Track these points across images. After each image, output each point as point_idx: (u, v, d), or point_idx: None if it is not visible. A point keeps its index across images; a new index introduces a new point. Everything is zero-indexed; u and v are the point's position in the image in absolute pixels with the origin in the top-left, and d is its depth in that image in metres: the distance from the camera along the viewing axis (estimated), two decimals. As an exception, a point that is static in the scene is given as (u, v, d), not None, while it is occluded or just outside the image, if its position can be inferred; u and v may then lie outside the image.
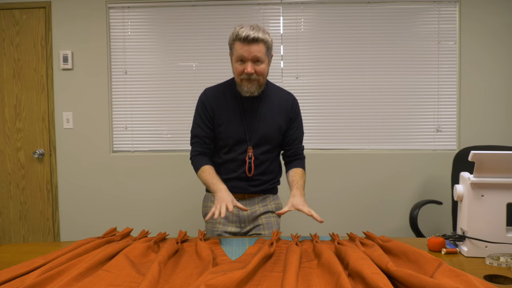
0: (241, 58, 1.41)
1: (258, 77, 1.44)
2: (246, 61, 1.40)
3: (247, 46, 1.38)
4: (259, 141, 1.54)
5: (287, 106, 1.58)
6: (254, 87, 1.46)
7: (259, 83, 1.47)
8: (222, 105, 1.54)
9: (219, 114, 1.54)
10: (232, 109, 1.53)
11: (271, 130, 1.55)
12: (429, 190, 2.68)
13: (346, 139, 2.75)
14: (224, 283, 0.86)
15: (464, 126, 2.69)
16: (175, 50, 2.75)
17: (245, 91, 1.47)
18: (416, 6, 2.68)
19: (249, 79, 1.44)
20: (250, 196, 1.59)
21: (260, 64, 1.42)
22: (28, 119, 2.78)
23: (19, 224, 2.83)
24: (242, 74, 1.43)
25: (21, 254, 1.24)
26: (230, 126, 1.53)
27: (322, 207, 2.74)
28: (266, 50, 1.42)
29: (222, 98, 1.55)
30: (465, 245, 1.19)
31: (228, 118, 1.53)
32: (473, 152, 1.13)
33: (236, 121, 1.53)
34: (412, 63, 2.70)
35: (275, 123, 1.55)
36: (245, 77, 1.43)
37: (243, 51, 1.39)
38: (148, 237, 1.33)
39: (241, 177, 1.56)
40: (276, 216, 1.63)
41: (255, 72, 1.42)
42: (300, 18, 2.72)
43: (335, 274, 0.95)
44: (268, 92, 1.57)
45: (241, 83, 1.46)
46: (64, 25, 2.73)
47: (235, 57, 1.43)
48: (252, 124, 1.53)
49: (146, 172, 2.76)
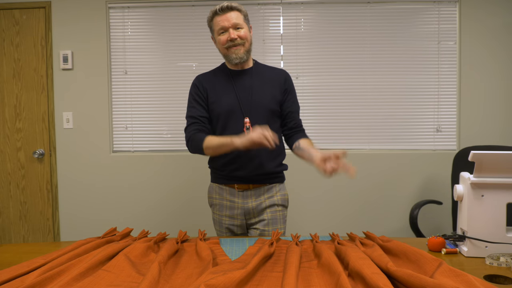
0: (222, 28, 1.50)
1: (243, 41, 1.51)
2: (227, 29, 1.49)
3: (224, 15, 1.49)
4: (255, 111, 1.53)
5: (280, 79, 1.61)
6: (241, 52, 1.52)
7: (244, 47, 1.52)
8: (214, 83, 1.59)
9: (211, 91, 1.58)
10: (223, 85, 1.58)
11: (265, 99, 1.56)
12: (429, 190, 2.68)
13: (346, 139, 2.75)
14: (224, 283, 0.86)
15: (464, 126, 2.69)
16: (175, 50, 2.75)
17: (234, 58, 1.52)
18: (416, 6, 2.68)
19: (234, 45, 1.50)
20: (255, 187, 1.58)
21: (241, 30, 1.50)
22: (28, 119, 2.78)
23: (19, 224, 2.83)
24: (226, 43, 1.50)
25: (21, 254, 1.24)
26: (223, 99, 1.55)
27: (322, 207, 2.74)
28: (243, 18, 1.52)
29: (213, 78, 1.61)
30: (465, 245, 1.19)
31: (221, 93, 1.57)
32: (473, 152, 1.13)
33: (228, 94, 1.56)
34: (412, 63, 2.70)
35: (268, 94, 1.57)
36: (230, 44, 1.50)
37: (222, 20, 1.49)
38: (148, 237, 1.33)
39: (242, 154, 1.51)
40: (283, 209, 1.62)
41: (239, 37, 1.49)
42: (300, 18, 2.72)
43: (335, 274, 0.95)
44: (259, 69, 1.62)
45: (228, 52, 1.52)
46: (64, 25, 2.73)
47: (216, 31, 1.52)
48: (245, 96, 1.55)
49: (146, 172, 2.76)
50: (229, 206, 1.61)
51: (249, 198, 1.59)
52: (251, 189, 1.58)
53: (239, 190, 1.59)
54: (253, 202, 1.58)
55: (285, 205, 1.66)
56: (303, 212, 2.73)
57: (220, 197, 1.63)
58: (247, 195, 1.59)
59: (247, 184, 1.58)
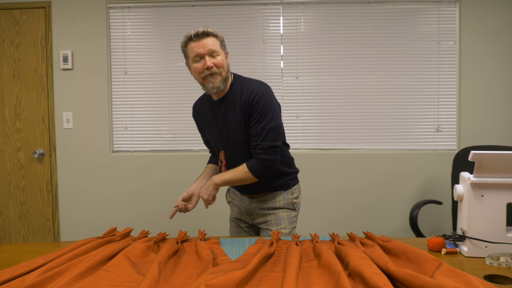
0: (198, 55, 1.42)
1: (219, 70, 1.42)
2: (203, 56, 1.41)
3: (200, 42, 1.41)
4: (232, 144, 1.54)
5: (246, 103, 1.47)
6: (218, 81, 1.43)
7: (221, 76, 1.44)
8: (203, 116, 1.63)
9: (202, 125, 1.66)
10: (209, 118, 1.59)
11: (236, 132, 1.50)
12: (429, 190, 2.68)
13: (346, 139, 2.75)
14: (224, 283, 0.86)
15: (464, 126, 2.69)
16: (175, 50, 2.75)
17: (211, 88, 1.44)
18: (416, 6, 2.68)
19: (211, 74, 1.42)
20: (261, 194, 1.63)
21: (217, 56, 1.42)
22: (28, 119, 2.78)
23: (19, 224, 2.83)
24: (203, 72, 1.42)
25: (21, 254, 1.24)
26: (210, 134, 1.62)
27: (322, 207, 2.74)
28: (219, 44, 1.44)
29: (202, 109, 1.63)
30: (465, 245, 1.19)
31: (208, 127, 1.61)
32: (473, 152, 1.13)
33: (212, 128, 1.59)
34: (412, 63, 2.70)
35: (238, 125, 1.49)
36: (207, 73, 1.42)
37: (197, 47, 1.41)
38: (148, 237, 1.33)
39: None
40: (288, 210, 1.62)
41: (215, 65, 1.41)
42: (300, 18, 2.72)
43: (335, 274, 0.95)
44: (234, 93, 1.49)
45: (205, 82, 1.44)
46: (64, 25, 2.73)
47: (191, 58, 1.44)
48: (223, 129, 1.54)
49: (146, 172, 2.76)
50: (237, 205, 1.73)
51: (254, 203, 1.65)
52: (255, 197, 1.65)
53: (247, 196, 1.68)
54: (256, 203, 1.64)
55: (290, 208, 1.64)
56: (303, 212, 2.72)
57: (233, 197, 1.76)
58: (252, 201, 1.66)
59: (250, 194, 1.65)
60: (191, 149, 2.78)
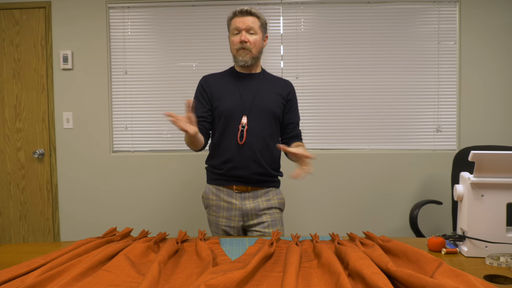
0: (237, 29, 1.56)
1: (251, 47, 1.56)
2: (241, 31, 1.55)
3: (241, 18, 1.55)
4: (256, 112, 1.57)
5: (285, 88, 1.67)
6: (247, 57, 1.57)
7: (251, 54, 1.57)
8: (220, 83, 1.64)
9: (216, 90, 1.62)
10: (229, 85, 1.62)
11: (269, 102, 1.60)
12: (429, 190, 2.68)
13: (346, 139, 2.75)
14: (224, 283, 0.86)
15: (464, 126, 2.69)
16: (175, 50, 2.75)
17: (240, 60, 1.57)
18: (416, 6, 2.68)
19: (243, 48, 1.55)
20: (253, 189, 1.60)
21: (253, 35, 1.56)
22: (28, 119, 2.78)
23: (19, 224, 2.83)
24: (237, 44, 1.56)
25: (21, 254, 1.24)
26: (227, 97, 1.59)
27: (322, 207, 2.74)
28: (259, 25, 1.57)
29: (220, 78, 1.66)
30: (465, 245, 1.19)
31: (225, 92, 1.61)
32: (473, 152, 1.13)
33: (232, 93, 1.60)
34: (412, 63, 2.70)
35: (272, 98, 1.62)
36: (240, 47, 1.55)
37: (237, 22, 1.55)
38: (148, 237, 1.33)
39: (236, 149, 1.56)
40: (280, 212, 1.65)
41: (249, 41, 1.54)
42: (300, 18, 2.72)
43: (335, 274, 0.95)
44: (266, 76, 1.68)
45: (237, 54, 1.58)
46: (64, 25, 2.73)
47: (231, 30, 1.58)
48: (248, 97, 1.59)
49: (146, 172, 2.76)
50: (226, 208, 1.61)
51: (247, 200, 1.60)
52: (249, 191, 1.60)
53: (237, 192, 1.60)
54: (250, 203, 1.60)
55: (282, 208, 1.69)
56: (303, 212, 2.73)
57: (217, 198, 1.63)
58: (244, 197, 1.60)
59: (245, 186, 1.59)
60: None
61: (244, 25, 1.54)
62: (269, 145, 1.61)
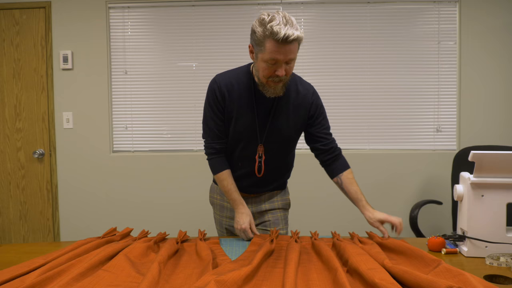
0: (274, 60, 1.23)
1: (286, 77, 1.31)
2: (279, 63, 1.24)
3: (283, 48, 1.21)
4: (271, 138, 1.44)
5: (305, 105, 1.44)
6: (280, 88, 1.32)
7: (284, 82, 1.33)
8: (235, 95, 1.40)
9: (230, 105, 1.40)
10: (244, 102, 1.39)
11: (284, 126, 1.43)
12: (429, 190, 2.68)
13: (346, 139, 2.75)
14: (233, 278, 0.88)
15: (464, 126, 2.69)
16: (175, 50, 2.75)
17: (271, 93, 1.33)
18: (416, 6, 2.68)
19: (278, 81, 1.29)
20: (257, 194, 1.58)
21: (291, 63, 1.28)
22: (28, 119, 2.78)
23: (19, 224, 2.83)
24: (270, 76, 1.28)
25: (21, 254, 1.24)
26: (241, 120, 1.40)
27: (322, 207, 2.74)
28: (298, 46, 1.28)
29: (235, 88, 1.40)
30: (465, 245, 1.19)
31: (239, 111, 1.40)
32: (473, 152, 1.13)
33: (247, 115, 1.40)
34: (412, 63, 2.70)
35: (290, 121, 1.43)
36: (275, 80, 1.28)
37: (278, 53, 1.21)
38: (148, 237, 1.33)
39: (250, 175, 1.50)
40: (282, 211, 1.62)
41: (286, 73, 1.27)
42: (300, 18, 2.72)
43: (332, 270, 0.98)
44: (286, 90, 1.40)
45: (267, 84, 1.31)
46: (64, 25, 2.73)
47: (265, 56, 1.24)
48: (264, 120, 1.41)
49: (146, 172, 2.76)
50: (229, 208, 1.59)
51: (249, 204, 1.57)
52: (252, 197, 1.58)
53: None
54: (253, 207, 1.58)
55: (286, 208, 1.65)
56: (304, 212, 2.72)
57: (221, 199, 1.62)
58: (247, 201, 1.56)
59: (248, 194, 1.57)
60: (191, 149, 2.78)
61: (286, 58, 1.23)
62: (280, 167, 1.56)
